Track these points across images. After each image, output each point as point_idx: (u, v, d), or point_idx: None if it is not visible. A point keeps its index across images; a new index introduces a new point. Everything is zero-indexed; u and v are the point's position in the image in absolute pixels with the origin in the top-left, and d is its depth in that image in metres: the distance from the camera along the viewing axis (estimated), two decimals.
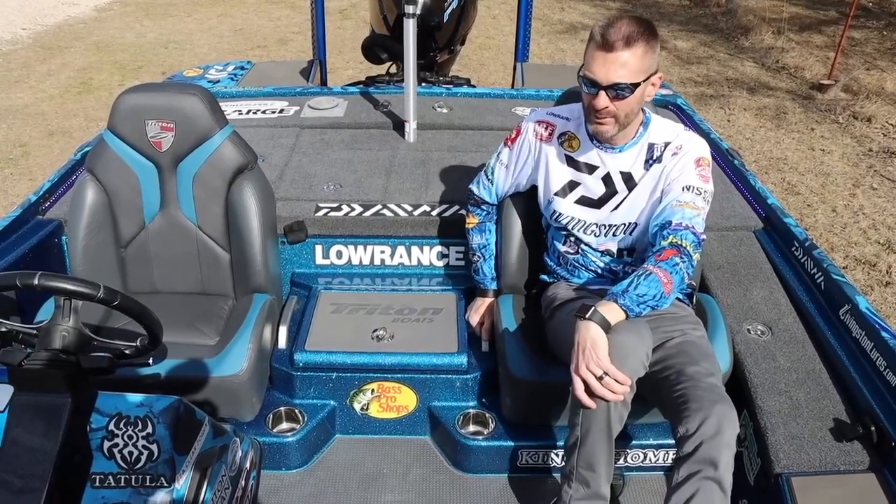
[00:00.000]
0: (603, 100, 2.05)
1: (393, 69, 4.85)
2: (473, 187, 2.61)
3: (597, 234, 2.29)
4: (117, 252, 2.61)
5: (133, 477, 1.49)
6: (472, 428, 2.46)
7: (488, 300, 2.66)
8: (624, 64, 1.99)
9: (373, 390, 2.50)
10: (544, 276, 2.51)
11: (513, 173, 2.46)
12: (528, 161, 2.40)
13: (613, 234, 2.28)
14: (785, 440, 2.06)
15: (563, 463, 2.08)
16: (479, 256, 2.66)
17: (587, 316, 1.88)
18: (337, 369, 2.49)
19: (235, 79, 4.47)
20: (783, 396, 2.18)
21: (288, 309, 2.68)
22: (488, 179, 2.53)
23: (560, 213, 2.33)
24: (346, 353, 2.48)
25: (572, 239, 2.34)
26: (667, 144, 2.19)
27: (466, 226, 2.67)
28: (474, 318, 2.65)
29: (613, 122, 2.10)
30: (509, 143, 2.45)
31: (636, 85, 2.02)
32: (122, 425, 1.52)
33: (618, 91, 2.02)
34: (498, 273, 2.63)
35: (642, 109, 2.18)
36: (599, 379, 1.83)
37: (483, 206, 2.61)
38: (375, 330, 2.58)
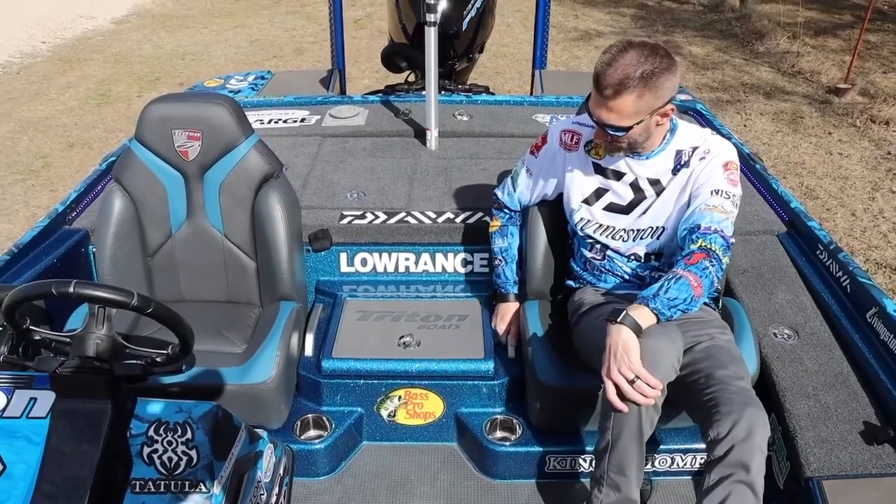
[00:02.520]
0: (600, 134, 2.12)
1: (411, 77, 4.87)
2: (498, 192, 2.62)
3: (625, 240, 2.29)
4: (144, 261, 2.64)
5: (172, 482, 1.50)
6: (499, 434, 2.46)
7: (513, 305, 2.66)
8: (612, 109, 2.01)
9: (400, 397, 2.51)
10: (570, 282, 2.51)
11: (538, 182, 2.46)
12: (554, 170, 2.40)
13: (641, 238, 2.28)
14: (815, 443, 2.05)
15: (594, 468, 2.08)
16: (500, 260, 2.66)
17: (619, 320, 1.88)
18: (364, 376, 2.49)
19: (256, 88, 4.50)
20: (811, 400, 2.18)
21: (314, 316, 2.69)
22: (513, 187, 2.54)
23: (588, 221, 2.33)
24: (374, 360, 2.49)
25: (599, 245, 2.34)
26: (694, 149, 2.18)
27: (490, 229, 2.68)
28: (501, 326, 2.64)
29: (618, 148, 2.15)
30: (535, 151, 2.45)
31: (628, 128, 2.03)
32: (161, 431, 1.53)
33: (611, 131, 2.05)
34: (523, 279, 2.63)
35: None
36: (631, 383, 1.83)
37: (506, 210, 2.62)
38: (402, 337, 2.58)
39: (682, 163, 2.19)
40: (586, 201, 2.32)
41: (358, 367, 2.49)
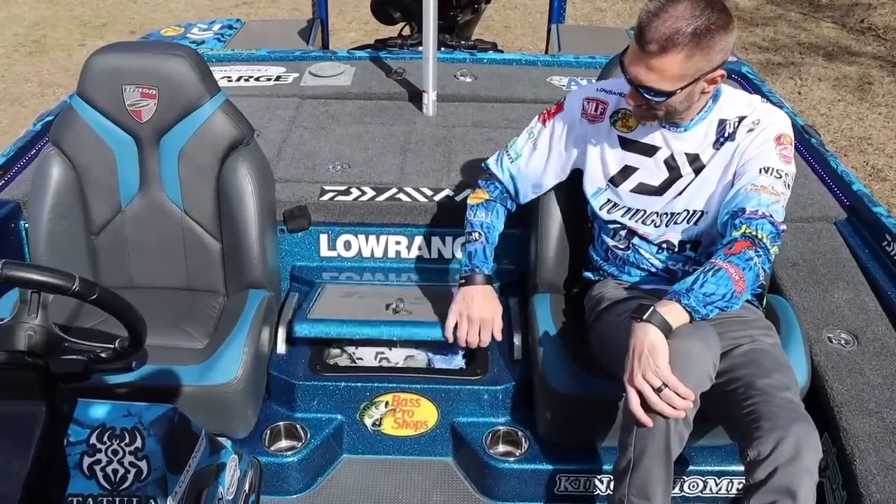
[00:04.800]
0: (634, 97, 2.09)
1: (406, 31, 4.87)
2: (490, 162, 2.56)
3: (657, 225, 2.30)
4: (87, 240, 2.64)
5: (117, 499, 1.51)
6: (501, 448, 2.48)
7: (487, 289, 2.48)
8: (654, 69, 1.99)
9: (387, 403, 2.53)
10: (588, 274, 2.52)
11: (546, 157, 2.42)
12: (571, 143, 2.39)
13: (675, 224, 2.28)
14: (878, 470, 2.05)
15: (612, 490, 2.09)
16: (479, 235, 2.50)
17: (645, 317, 1.89)
18: (346, 342, 2.54)
19: (223, 40, 4.50)
20: (874, 418, 2.18)
21: (288, 307, 2.71)
22: (509, 157, 2.48)
23: (614, 204, 2.33)
24: (356, 322, 2.54)
25: (624, 231, 2.35)
26: (741, 119, 2.18)
27: (470, 201, 2.59)
28: (472, 317, 2.44)
29: (653, 117, 2.14)
30: (546, 119, 2.43)
31: (670, 93, 2.02)
32: (105, 438, 1.53)
33: (648, 94, 2.04)
34: (534, 269, 2.64)
35: None
36: (658, 391, 1.84)
37: (497, 184, 2.54)
38: (389, 304, 2.64)
39: (727, 135, 2.18)
40: (612, 181, 2.32)
41: (339, 331, 2.53)
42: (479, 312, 2.45)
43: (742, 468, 1.93)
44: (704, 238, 2.28)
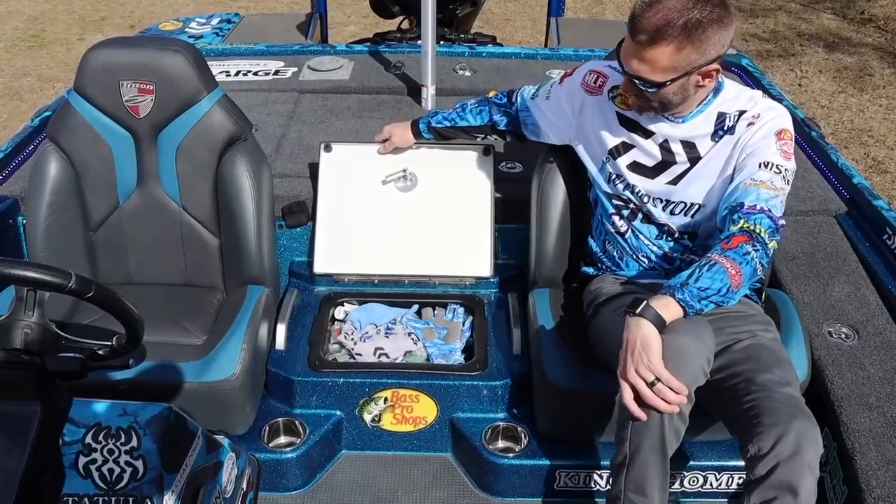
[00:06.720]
0: (626, 86, 2.13)
1: (405, 24, 4.86)
2: (524, 87, 2.65)
3: (653, 206, 2.30)
4: (85, 236, 2.64)
5: (113, 499, 1.50)
6: (501, 444, 2.48)
7: (408, 133, 2.82)
8: (645, 60, 2.00)
9: (386, 399, 2.52)
10: (587, 269, 2.51)
11: (551, 109, 2.49)
12: (569, 110, 2.42)
13: (672, 214, 2.28)
14: (878, 465, 2.05)
15: (609, 486, 2.09)
16: (452, 109, 2.75)
17: (638, 311, 1.88)
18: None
19: (221, 34, 4.50)
20: (874, 412, 2.17)
21: (287, 303, 2.70)
22: (532, 90, 2.58)
23: (618, 175, 2.32)
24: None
25: (627, 212, 2.34)
26: (741, 113, 2.17)
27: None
28: (389, 129, 2.85)
29: (649, 107, 2.15)
30: (562, 80, 2.49)
31: (660, 84, 2.02)
32: (101, 438, 1.53)
33: (639, 84, 2.05)
34: (533, 264, 2.63)
35: None
36: (651, 386, 1.83)
37: (508, 98, 2.65)
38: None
39: (726, 128, 2.17)
40: (611, 153, 2.32)
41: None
42: (390, 130, 2.85)
43: (742, 463, 1.93)
44: (702, 231, 2.28)
